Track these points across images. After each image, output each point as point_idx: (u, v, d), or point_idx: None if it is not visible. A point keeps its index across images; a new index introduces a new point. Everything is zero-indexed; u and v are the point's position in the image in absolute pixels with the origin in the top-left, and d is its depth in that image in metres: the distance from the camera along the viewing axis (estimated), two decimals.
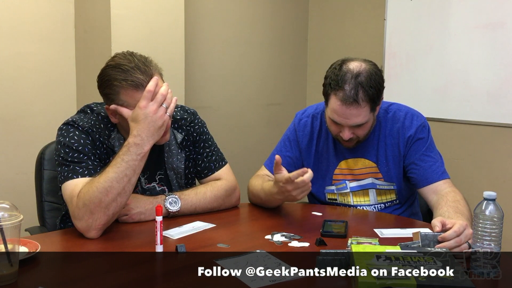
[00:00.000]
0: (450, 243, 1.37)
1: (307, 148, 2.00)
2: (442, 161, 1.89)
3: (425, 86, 3.35)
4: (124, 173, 1.55)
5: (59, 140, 1.67)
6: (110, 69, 1.64)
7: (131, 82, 1.60)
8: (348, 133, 1.81)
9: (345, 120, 1.78)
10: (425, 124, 1.92)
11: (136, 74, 1.60)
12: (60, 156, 1.64)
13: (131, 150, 1.57)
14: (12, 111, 2.79)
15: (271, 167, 2.00)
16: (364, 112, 1.76)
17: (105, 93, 1.66)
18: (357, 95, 1.72)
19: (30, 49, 2.81)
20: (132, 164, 1.56)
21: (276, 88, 3.87)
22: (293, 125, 2.05)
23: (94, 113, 1.74)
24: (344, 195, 1.97)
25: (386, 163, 1.92)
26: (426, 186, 1.84)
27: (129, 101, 1.62)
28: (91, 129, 1.68)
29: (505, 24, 3.00)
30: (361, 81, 1.73)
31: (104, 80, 1.65)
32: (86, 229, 1.54)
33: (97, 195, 1.52)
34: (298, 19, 3.97)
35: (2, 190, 2.73)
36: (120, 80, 1.60)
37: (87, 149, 1.65)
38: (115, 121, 1.69)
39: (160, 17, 2.88)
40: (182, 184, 1.87)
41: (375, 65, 1.81)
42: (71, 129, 1.68)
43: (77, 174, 1.60)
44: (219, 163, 1.91)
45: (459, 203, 1.69)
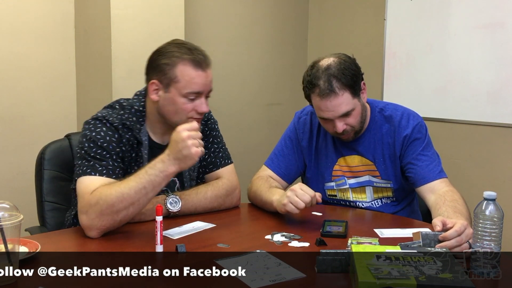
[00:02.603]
0: (451, 242, 1.37)
1: (308, 146, 2.02)
2: (439, 161, 1.90)
3: (425, 86, 3.35)
4: (143, 185, 1.55)
5: (85, 133, 1.67)
6: (173, 45, 1.71)
7: (192, 57, 1.67)
8: (340, 125, 1.83)
9: (331, 113, 1.81)
10: (422, 124, 1.93)
11: (199, 54, 1.69)
12: (83, 149, 1.64)
13: (157, 166, 1.57)
14: (12, 111, 2.79)
15: (273, 167, 2.01)
16: (345, 99, 1.79)
17: (160, 63, 1.69)
18: (332, 85, 1.77)
19: (30, 49, 2.81)
20: (154, 179, 1.56)
21: (276, 88, 3.87)
22: (293, 124, 2.06)
23: (126, 106, 1.74)
24: (343, 191, 1.98)
25: (383, 161, 1.93)
26: (423, 185, 1.84)
27: (182, 76, 1.67)
28: (121, 125, 1.69)
29: (505, 24, 3.00)
30: (332, 72, 1.78)
31: (163, 52, 1.70)
32: (89, 226, 1.54)
33: (112, 198, 1.53)
34: (298, 19, 3.97)
35: (2, 190, 2.73)
36: (182, 53, 1.68)
37: (111, 146, 1.66)
38: (155, 99, 1.71)
39: (160, 17, 2.88)
40: (193, 176, 1.88)
41: (345, 55, 1.85)
42: (99, 125, 1.68)
43: (96, 172, 1.61)
44: (225, 160, 1.92)
45: (457, 202, 1.69)
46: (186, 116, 1.71)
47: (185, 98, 1.69)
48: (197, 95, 1.70)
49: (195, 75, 1.68)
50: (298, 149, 2.02)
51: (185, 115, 1.71)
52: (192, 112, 1.72)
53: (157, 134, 1.79)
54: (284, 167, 2.02)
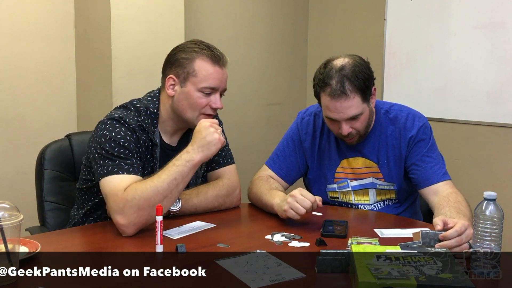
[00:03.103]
0: (451, 242, 1.37)
1: (310, 147, 2.00)
2: (444, 163, 1.89)
3: (425, 86, 3.35)
4: (174, 176, 1.58)
5: (103, 133, 1.66)
6: (192, 43, 1.76)
7: (211, 53, 1.73)
8: (346, 128, 1.81)
9: (339, 115, 1.79)
10: (427, 125, 1.92)
11: (217, 52, 1.75)
12: (104, 149, 1.64)
13: (182, 157, 1.61)
14: (12, 111, 2.79)
15: (274, 168, 2.01)
16: (355, 103, 1.77)
17: (179, 58, 1.73)
18: (344, 87, 1.75)
19: (30, 49, 2.81)
20: (182, 169, 1.60)
21: (276, 88, 3.86)
22: (296, 124, 2.05)
23: (140, 108, 1.74)
24: (345, 194, 1.97)
25: (387, 163, 1.92)
26: (427, 187, 1.84)
27: (199, 71, 1.71)
28: (137, 126, 1.70)
29: (505, 24, 3.00)
30: (345, 73, 1.76)
31: (183, 48, 1.75)
32: (127, 224, 1.54)
33: (149, 193, 1.55)
34: (298, 19, 3.97)
35: (2, 190, 2.73)
36: (201, 49, 1.72)
37: (132, 146, 1.66)
38: (171, 94, 1.74)
39: (160, 17, 2.88)
40: (199, 174, 1.88)
41: (360, 57, 1.84)
42: (116, 125, 1.68)
43: (123, 170, 1.61)
44: (228, 160, 1.92)
45: (460, 204, 1.69)
46: (200, 112, 1.73)
47: (201, 92, 1.72)
48: (213, 91, 1.73)
49: (213, 70, 1.72)
50: (300, 150, 2.01)
51: (199, 110, 1.73)
52: (206, 107, 1.74)
53: (167, 134, 1.80)
54: (285, 168, 2.01)
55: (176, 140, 1.83)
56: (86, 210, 1.79)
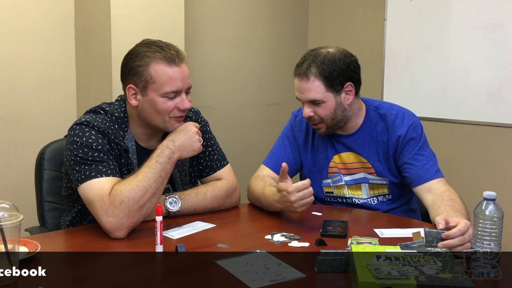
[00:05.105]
0: (454, 241, 1.37)
1: (304, 144, 2.04)
2: (436, 160, 1.90)
3: (425, 86, 3.35)
4: (159, 174, 1.58)
5: (74, 140, 1.62)
6: (143, 46, 1.68)
7: (164, 55, 1.63)
8: (306, 110, 1.88)
9: (300, 95, 1.88)
10: (417, 123, 1.93)
11: (171, 50, 1.65)
12: (78, 156, 1.59)
13: (164, 153, 1.61)
14: (12, 111, 2.79)
15: (271, 165, 2.02)
16: (316, 87, 1.83)
17: (133, 66, 1.65)
18: (308, 69, 1.84)
19: (30, 49, 2.81)
20: (165, 166, 1.60)
21: (276, 88, 3.87)
22: (290, 122, 2.10)
23: (108, 113, 1.70)
24: (339, 188, 1.99)
25: (378, 159, 1.94)
26: (420, 185, 1.84)
27: (157, 76, 1.63)
28: (107, 130, 1.65)
29: (505, 24, 3.00)
30: (316, 59, 1.84)
31: (134, 54, 1.67)
32: (117, 227, 1.52)
33: (137, 193, 1.53)
34: (298, 19, 3.97)
35: (2, 190, 2.73)
36: (153, 52, 1.64)
37: (106, 148, 1.62)
38: (134, 104, 1.67)
39: (160, 17, 2.88)
40: (186, 182, 1.87)
41: (346, 53, 1.88)
42: (86, 129, 1.63)
43: (101, 173, 1.57)
44: (221, 162, 1.91)
45: (455, 201, 1.70)
46: (169, 116, 1.67)
47: (165, 97, 1.64)
48: (176, 93, 1.66)
49: (171, 72, 1.63)
50: (294, 146, 2.05)
51: (167, 114, 1.67)
52: (174, 110, 1.67)
53: (142, 139, 1.75)
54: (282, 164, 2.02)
55: (155, 143, 1.75)
56: (71, 218, 1.77)
